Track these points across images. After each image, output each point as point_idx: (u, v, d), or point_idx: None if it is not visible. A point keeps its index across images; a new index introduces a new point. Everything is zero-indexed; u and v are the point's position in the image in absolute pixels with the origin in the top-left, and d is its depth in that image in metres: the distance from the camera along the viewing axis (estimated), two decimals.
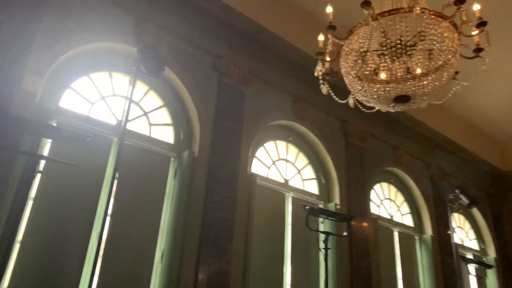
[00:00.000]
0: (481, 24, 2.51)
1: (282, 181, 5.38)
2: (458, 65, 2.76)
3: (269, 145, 5.48)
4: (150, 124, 4.42)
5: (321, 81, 3.05)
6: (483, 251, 8.15)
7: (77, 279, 3.37)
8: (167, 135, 4.50)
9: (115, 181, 3.64)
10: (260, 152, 5.31)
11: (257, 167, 5.16)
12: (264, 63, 5.30)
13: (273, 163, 5.43)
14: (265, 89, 5.31)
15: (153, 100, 4.53)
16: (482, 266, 6.84)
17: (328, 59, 3.00)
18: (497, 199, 8.66)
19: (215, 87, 4.78)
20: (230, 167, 4.56)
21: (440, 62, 2.65)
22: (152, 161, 4.23)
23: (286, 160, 5.60)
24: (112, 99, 4.22)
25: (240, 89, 4.96)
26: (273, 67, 5.40)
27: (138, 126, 4.31)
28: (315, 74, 3.06)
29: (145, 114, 4.43)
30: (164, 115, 4.56)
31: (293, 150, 5.74)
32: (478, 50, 2.57)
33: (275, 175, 5.35)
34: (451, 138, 7.62)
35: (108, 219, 3.61)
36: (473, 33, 2.56)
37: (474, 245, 8.10)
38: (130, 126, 4.14)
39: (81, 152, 3.52)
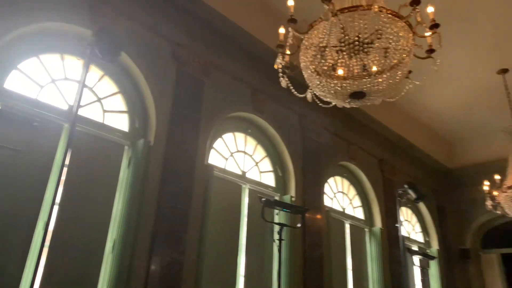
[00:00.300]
0: (434, 26, 2.62)
1: (240, 173, 5.38)
2: (411, 65, 2.87)
3: (228, 136, 5.46)
4: (104, 111, 4.26)
5: (280, 74, 3.06)
6: (427, 243, 8.61)
7: (20, 271, 3.20)
8: (121, 122, 4.36)
9: (65, 169, 3.48)
10: (218, 144, 5.28)
11: (214, 159, 5.13)
12: (224, 54, 5.25)
13: (231, 154, 5.42)
14: (225, 80, 5.27)
15: (107, 86, 4.36)
16: (426, 257, 7.22)
17: (288, 52, 3.01)
18: (442, 194, 9.17)
19: (174, 75, 4.68)
20: (187, 157, 4.50)
21: (395, 61, 2.74)
22: (105, 149, 4.09)
23: (244, 152, 5.61)
24: (64, 83, 4.02)
25: (199, 79, 4.89)
26: (234, 58, 5.36)
27: (91, 113, 4.13)
28: (275, 67, 3.06)
29: (99, 100, 4.26)
30: (119, 102, 4.41)
31: (251, 142, 5.76)
32: (430, 51, 2.68)
33: (232, 167, 5.34)
34: (402, 136, 7.95)
35: (55, 208, 3.45)
36: (426, 34, 2.67)
37: (420, 237, 8.54)
38: (82, 112, 3.98)
39: (27, 137, 3.32)
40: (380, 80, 2.76)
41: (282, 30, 3.05)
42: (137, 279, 3.77)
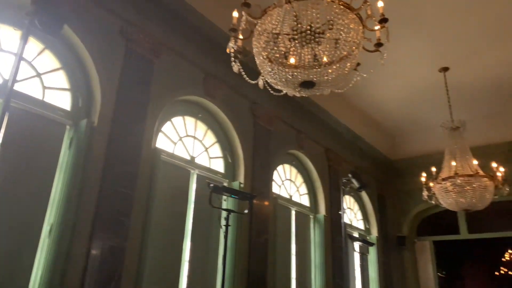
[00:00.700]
0: (383, 20, 2.69)
1: (188, 158, 5.30)
2: (360, 57, 2.94)
3: (177, 120, 5.35)
4: (44, 87, 3.99)
5: (232, 59, 3.02)
6: (368, 230, 9.04)
7: None
8: (63, 100, 4.11)
9: None
10: (166, 127, 5.15)
11: (162, 142, 5.01)
12: (176, 35, 5.10)
13: (180, 139, 5.32)
14: (176, 61, 5.13)
15: (48, 60, 4.08)
16: (366, 244, 7.59)
17: (241, 37, 2.98)
18: (383, 184, 9.64)
19: (121, 53, 4.47)
20: (133, 140, 4.35)
21: (345, 53, 2.80)
22: (44, 128, 3.84)
23: (194, 137, 5.52)
24: None
25: (148, 59, 4.71)
26: (186, 40, 5.22)
27: (29, 88, 3.86)
28: (227, 51, 3.01)
29: (39, 75, 3.98)
30: (61, 79, 4.15)
31: (202, 127, 5.68)
32: (378, 45, 2.76)
33: (181, 152, 5.25)
34: (349, 127, 8.23)
35: None
36: (376, 28, 2.74)
37: (361, 225, 8.94)
38: (19, 87, 3.70)
39: None
40: (329, 70, 2.81)
41: (235, 14, 3.00)
42: (76, 265, 3.62)
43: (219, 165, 5.76)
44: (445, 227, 9.71)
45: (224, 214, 4.44)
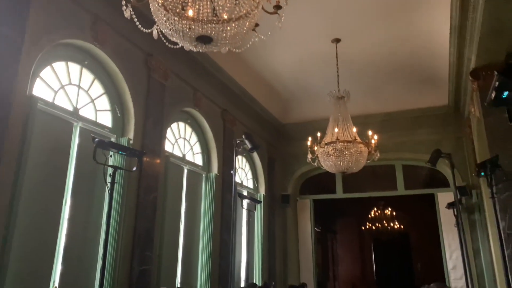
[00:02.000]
0: None
1: (71, 109, 4.83)
2: (259, 19, 2.92)
3: (59, 66, 4.79)
4: None
5: (124, 2, 2.75)
6: (256, 189, 9.49)
7: None
8: None
9: None
10: (46, 73, 4.59)
11: (40, 90, 4.46)
12: None
13: (62, 87, 4.80)
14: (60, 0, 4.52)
15: None
16: (253, 201, 7.97)
17: None
18: (273, 147, 10.12)
19: None
20: (3, 84, 3.78)
21: (244, 11, 2.74)
22: None
23: (79, 86, 5.03)
24: None
25: None
26: None
27: None
28: None
29: None
30: None
31: (88, 76, 5.19)
32: (277, 7, 2.76)
33: (63, 102, 4.75)
34: (245, 89, 8.33)
35: None
36: None
37: (250, 184, 9.33)
38: None
39: None
40: (228, 28, 2.74)
41: None
42: None
43: (106, 119, 5.38)
44: (324, 187, 10.69)
45: (110, 170, 4.20)
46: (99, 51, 5.11)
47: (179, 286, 6.03)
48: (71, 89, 4.91)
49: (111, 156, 4.70)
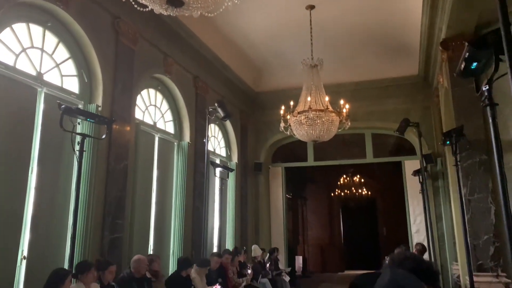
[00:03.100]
0: None
1: (34, 73, 4.60)
2: None
3: (20, 27, 4.51)
4: None
5: None
6: (229, 157, 9.50)
7: None
8: None
9: None
10: (5, 34, 4.31)
11: (0, 53, 4.21)
12: None
13: (24, 50, 4.54)
14: None
15: None
16: (226, 169, 8.00)
17: None
18: (246, 115, 10.08)
19: None
20: None
21: None
22: None
23: (42, 50, 4.78)
24: None
25: None
26: None
27: None
28: None
29: None
30: None
31: (52, 39, 4.92)
32: None
33: (25, 66, 4.51)
34: (218, 55, 8.15)
35: None
36: None
37: (223, 152, 9.33)
38: None
39: None
40: None
41: None
42: None
43: (73, 85, 5.16)
44: (296, 155, 10.83)
45: (78, 138, 4.08)
46: (63, 12, 4.83)
47: (151, 253, 6.07)
48: (34, 53, 4.66)
49: (79, 123, 4.55)
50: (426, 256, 6.61)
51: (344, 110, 6.33)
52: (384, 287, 1.11)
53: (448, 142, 5.04)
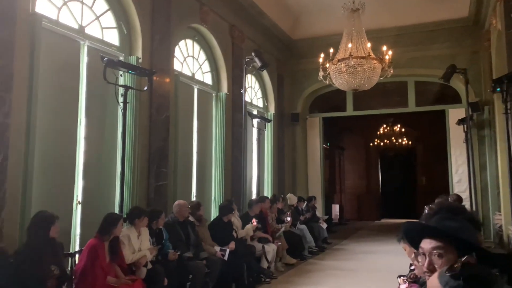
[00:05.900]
0: None
1: (76, 27, 4.69)
2: None
3: None
4: None
5: None
6: (266, 108, 9.50)
7: None
8: None
9: None
10: None
11: (43, 6, 4.29)
12: None
13: (65, 3, 4.61)
14: None
15: None
16: (263, 120, 8.03)
17: None
18: (283, 64, 9.89)
19: None
20: (4, 2, 3.63)
21: None
22: None
23: (82, 2, 4.82)
24: None
25: None
26: None
27: None
28: None
29: None
30: None
31: None
32: None
33: (67, 19, 4.60)
34: (254, 1, 7.90)
35: None
36: None
37: (260, 103, 9.32)
38: None
39: None
40: None
41: None
42: None
43: (113, 37, 5.23)
44: (334, 105, 10.64)
45: (121, 90, 4.20)
46: None
47: (194, 199, 6.35)
48: (75, 6, 4.72)
49: (121, 75, 4.66)
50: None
51: (387, 57, 6.07)
52: (455, 229, 1.40)
53: (498, 89, 4.78)
